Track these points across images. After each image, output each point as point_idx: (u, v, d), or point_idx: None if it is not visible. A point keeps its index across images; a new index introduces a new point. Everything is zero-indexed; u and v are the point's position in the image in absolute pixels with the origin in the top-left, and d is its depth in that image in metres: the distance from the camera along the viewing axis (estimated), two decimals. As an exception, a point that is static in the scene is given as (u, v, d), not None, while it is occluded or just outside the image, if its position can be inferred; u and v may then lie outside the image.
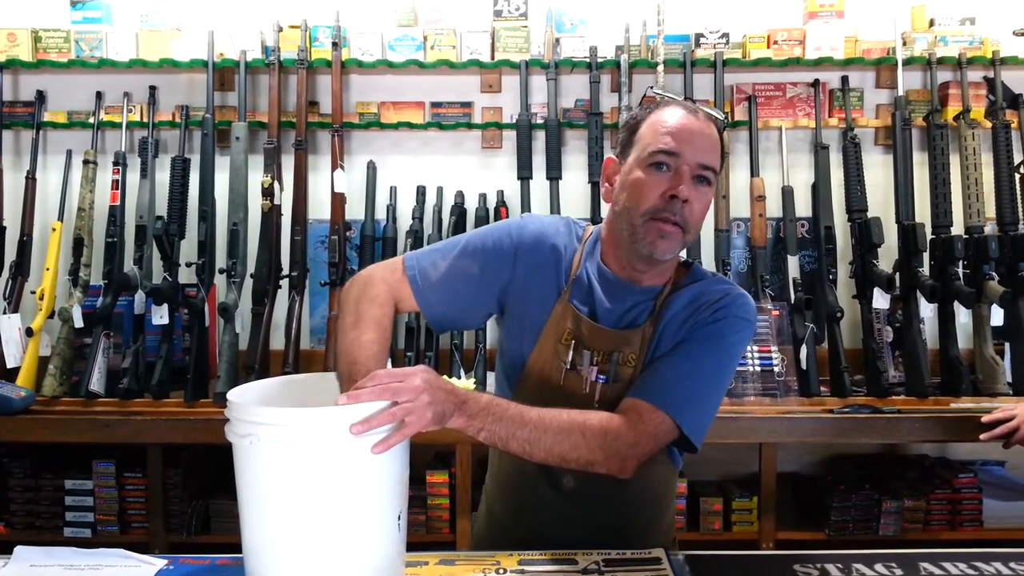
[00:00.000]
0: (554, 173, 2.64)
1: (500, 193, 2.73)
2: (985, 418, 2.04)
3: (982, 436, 2.02)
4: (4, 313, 2.53)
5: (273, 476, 1.00)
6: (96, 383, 2.46)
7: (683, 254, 1.37)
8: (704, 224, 1.33)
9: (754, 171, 2.64)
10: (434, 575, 1.17)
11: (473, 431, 1.12)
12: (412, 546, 1.17)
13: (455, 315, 1.35)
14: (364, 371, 1.15)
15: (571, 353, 1.29)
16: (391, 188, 2.73)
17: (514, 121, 2.68)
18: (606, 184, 1.32)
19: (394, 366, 2.57)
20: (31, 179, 2.65)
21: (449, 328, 1.40)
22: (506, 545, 1.31)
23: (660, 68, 2.61)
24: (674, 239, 1.22)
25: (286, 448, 0.98)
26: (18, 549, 1.22)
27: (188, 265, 2.54)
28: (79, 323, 2.49)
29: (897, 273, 2.53)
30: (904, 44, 2.66)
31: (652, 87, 1.37)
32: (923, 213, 2.58)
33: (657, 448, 1.22)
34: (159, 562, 1.20)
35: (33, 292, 2.57)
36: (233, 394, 1.07)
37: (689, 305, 1.27)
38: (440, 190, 2.73)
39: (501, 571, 1.17)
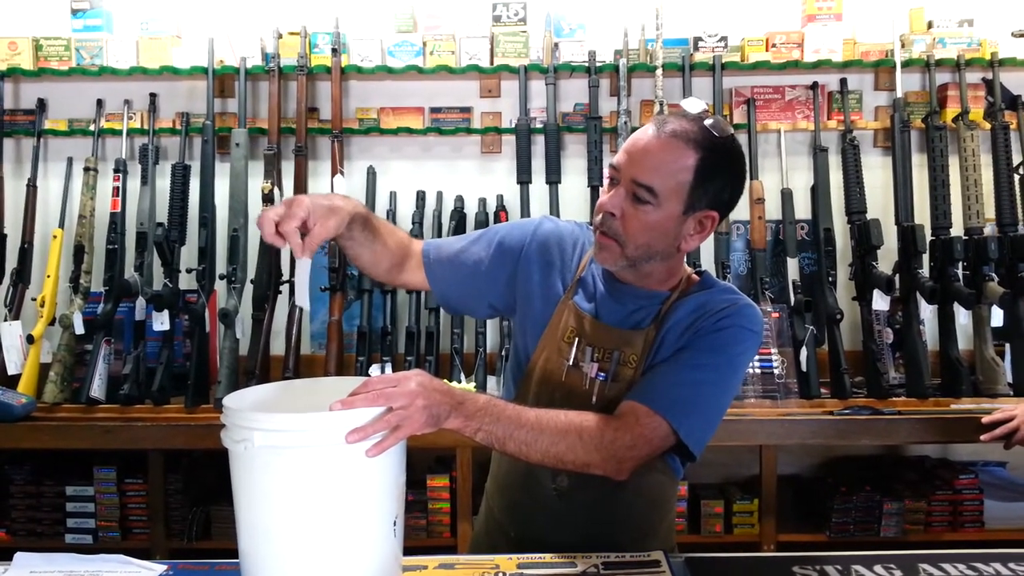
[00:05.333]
0: (553, 177, 2.64)
1: (500, 198, 2.73)
2: (985, 419, 2.03)
3: (982, 437, 2.01)
4: (5, 320, 2.54)
5: (266, 481, 1.00)
6: (97, 389, 2.46)
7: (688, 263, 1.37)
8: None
9: (753, 174, 2.64)
10: (433, 579, 1.17)
11: (470, 432, 1.12)
12: (412, 550, 1.17)
13: (459, 295, 1.40)
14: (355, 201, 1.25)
15: (574, 350, 1.30)
16: (391, 193, 2.73)
17: (513, 126, 2.68)
18: None
19: (394, 370, 2.58)
20: (32, 187, 2.66)
21: (455, 309, 1.48)
22: (502, 544, 1.31)
23: (659, 72, 2.61)
24: (612, 251, 1.23)
25: (279, 453, 0.98)
26: (18, 556, 1.22)
27: (189, 271, 2.54)
28: (80, 330, 2.49)
29: (897, 275, 2.53)
30: (903, 46, 2.66)
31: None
32: (922, 215, 2.58)
33: (654, 452, 1.22)
34: (158, 567, 1.20)
35: (34, 299, 2.57)
36: (229, 399, 1.07)
37: (693, 312, 1.27)
38: (440, 195, 2.73)
39: (500, 574, 1.17)
